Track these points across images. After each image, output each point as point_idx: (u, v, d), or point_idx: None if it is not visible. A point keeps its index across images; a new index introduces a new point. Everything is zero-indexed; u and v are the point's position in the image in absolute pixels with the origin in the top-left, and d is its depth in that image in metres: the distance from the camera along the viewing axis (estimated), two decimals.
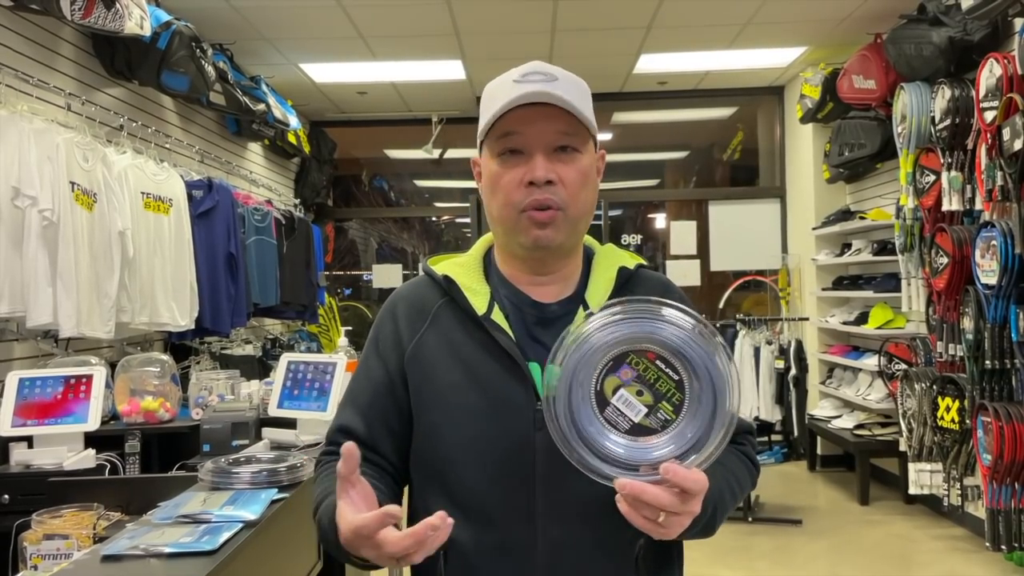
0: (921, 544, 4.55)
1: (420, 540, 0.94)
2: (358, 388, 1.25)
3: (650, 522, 0.98)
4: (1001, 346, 3.76)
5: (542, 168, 1.14)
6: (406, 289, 1.30)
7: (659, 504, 0.96)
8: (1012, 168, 3.59)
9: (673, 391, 0.99)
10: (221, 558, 1.35)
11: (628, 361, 0.99)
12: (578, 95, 1.16)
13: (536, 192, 1.14)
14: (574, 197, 1.16)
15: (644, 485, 0.95)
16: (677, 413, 0.99)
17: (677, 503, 0.96)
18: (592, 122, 1.18)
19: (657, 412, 0.99)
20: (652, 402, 0.99)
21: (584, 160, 1.18)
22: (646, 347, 0.99)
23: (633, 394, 0.99)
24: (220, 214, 4.42)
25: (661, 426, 0.99)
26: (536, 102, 1.13)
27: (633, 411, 0.99)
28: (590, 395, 0.98)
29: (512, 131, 1.15)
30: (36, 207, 3.05)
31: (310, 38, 5.32)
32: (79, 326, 3.23)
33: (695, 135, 8.28)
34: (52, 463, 2.27)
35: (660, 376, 0.99)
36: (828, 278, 6.28)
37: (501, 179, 1.17)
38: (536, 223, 1.15)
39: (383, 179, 8.66)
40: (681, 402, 0.99)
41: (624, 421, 0.99)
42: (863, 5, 4.91)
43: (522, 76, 1.15)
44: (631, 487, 0.95)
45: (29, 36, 3.48)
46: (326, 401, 2.42)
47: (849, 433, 5.49)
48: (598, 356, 0.99)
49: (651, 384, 0.99)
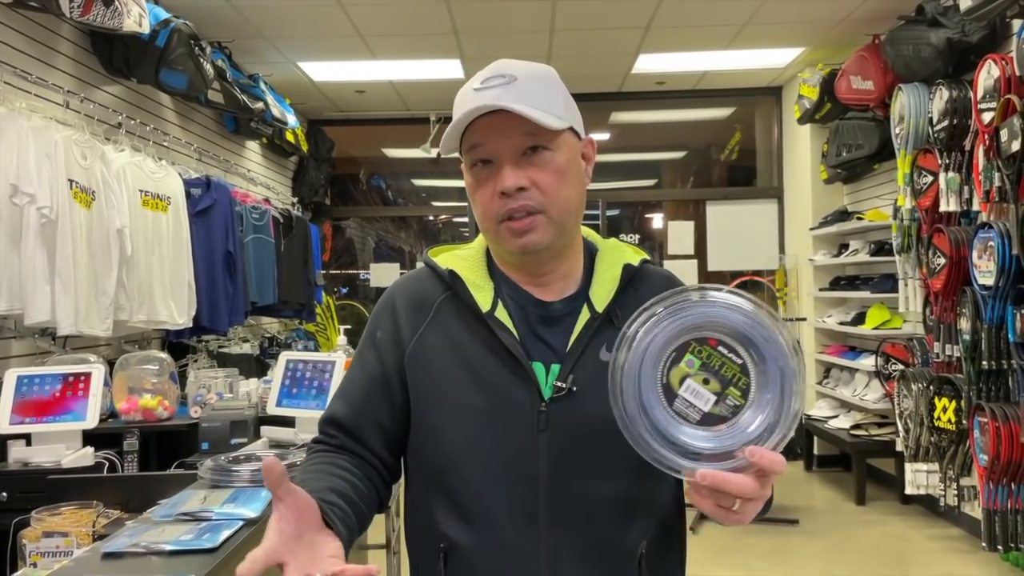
0: (917, 544, 4.56)
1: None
2: (351, 381, 1.23)
3: (725, 510, 0.97)
4: (998, 347, 3.77)
5: (511, 177, 1.11)
6: (406, 281, 1.26)
7: (742, 492, 0.94)
8: (1009, 169, 3.60)
9: (738, 375, 0.97)
10: (222, 556, 1.35)
11: (691, 350, 0.98)
12: (541, 91, 1.12)
13: (510, 201, 1.12)
14: (553, 197, 1.13)
15: (726, 475, 0.94)
16: (745, 397, 0.97)
17: (758, 488, 0.95)
18: (564, 113, 1.14)
19: (726, 399, 0.97)
20: (720, 389, 0.97)
21: (558, 157, 1.14)
22: (707, 334, 0.98)
23: (700, 383, 0.97)
24: (218, 212, 4.41)
25: (732, 412, 0.97)
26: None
27: (702, 400, 0.97)
28: (657, 390, 0.97)
29: (477, 142, 1.13)
30: (34, 204, 3.05)
31: (309, 37, 5.31)
32: (77, 324, 3.23)
33: (693, 135, 8.29)
34: (50, 461, 2.27)
35: (724, 362, 0.97)
36: (825, 278, 6.29)
37: (475, 192, 1.15)
38: (515, 232, 1.13)
39: (381, 178, 8.66)
40: (748, 386, 0.97)
41: (694, 412, 0.97)
42: (861, 6, 4.92)
43: (481, 83, 1.13)
44: (712, 478, 0.93)
45: (28, 33, 3.47)
46: (325, 399, 2.42)
47: (846, 433, 5.50)
48: (661, 349, 0.97)
49: (716, 371, 0.97)
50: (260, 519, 1.54)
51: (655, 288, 1.23)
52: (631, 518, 1.13)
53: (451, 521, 1.14)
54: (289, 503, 0.95)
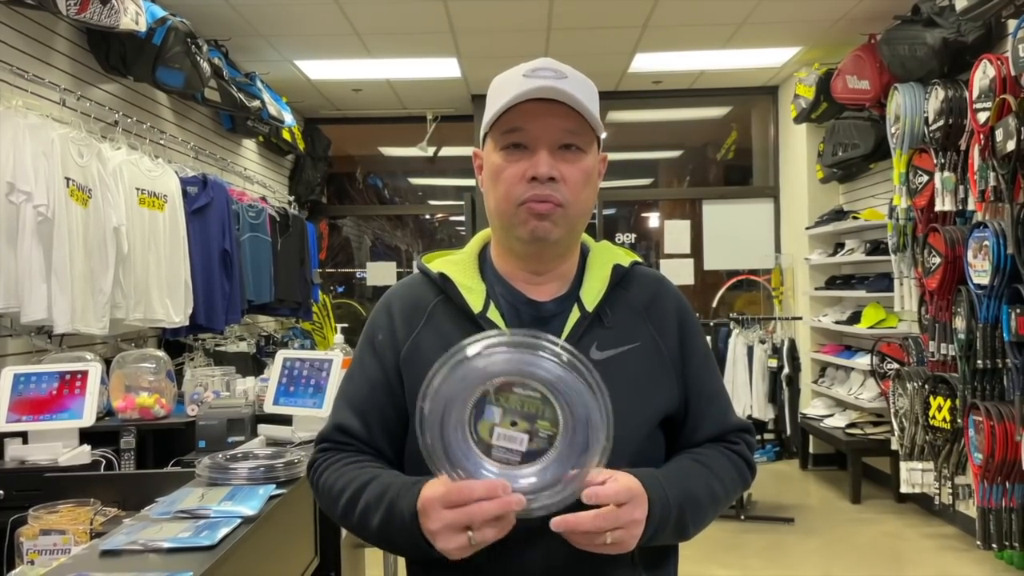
0: (912, 543, 4.58)
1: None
2: (354, 387, 1.24)
3: (602, 545, 1.01)
4: (993, 346, 3.78)
5: (546, 164, 1.13)
6: (401, 287, 1.29)
7: (597, 528, 0.99)
8: (1005, 169, 3.61)
9: (541, 407, 1.00)
10: (220, 553, 1.35)
11: (489, 401, 1.00)
12: (587, 95, 1.16)
13: (537, 188, 1.14)
14: (575, 195, 1.16)
15: (577, 518, 0.99)
16: (556, 425, 1.00)
17: (611, 519, 0.99)
18: (599, 123, 1.18)
19: (538, 433, 1.00)
20: (529, 426, 1.00)
21: (587, 160, 1.17)
22: (498, 381, 1.00)
23: (508, 427, 1.00)
24: (215, 211, 4.41)
25: (548, 443, 1.00)
26: (544, 98, 1.12)
27: (516, 442, 1.00)
28: (473, 449, 0.99)
29: (518, 126, 1.15)
30: (31, 203, 3.04)
31: (305, 35, 5.31)
32: (73, 322, 3.23)
33: (689, 134, 8.30)
34: (47, 459, 2.27)
35: (524, 400, 1.00)
36: (821, 278, 6.31)
37: (503, 172, 1.16)
38: (535, 214, 1.15)
39: (377, 177, 8.65)
40: (555, 414, 1.00)
41: (514, 455, 1.00)
42: (857, 6, 4.93)
43: (532, 71, 1.15)
44: (564, 524, 0.99)
45: (24, 31, 3.47)
46: (322, 398, 2.42)
47: (841, 432, 5.51)
48: (460, 407, 0.99)
49: (519, 411, 1.00)
50: (258, 517, 1.54)
51: (645, 289, 1.25)
52: None
53: None
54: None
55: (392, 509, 1.08)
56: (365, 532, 1.13)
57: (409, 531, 1.05)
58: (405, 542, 1.07)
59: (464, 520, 0.98)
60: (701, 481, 1.15)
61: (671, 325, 1.24)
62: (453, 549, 1.00)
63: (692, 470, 1.16)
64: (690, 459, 1.20)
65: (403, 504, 1.07)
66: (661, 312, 1.24)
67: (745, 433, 1.28)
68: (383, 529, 1.10)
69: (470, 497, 0.98)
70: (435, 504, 1.00)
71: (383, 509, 1.10)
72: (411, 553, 1.13)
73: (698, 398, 1.24)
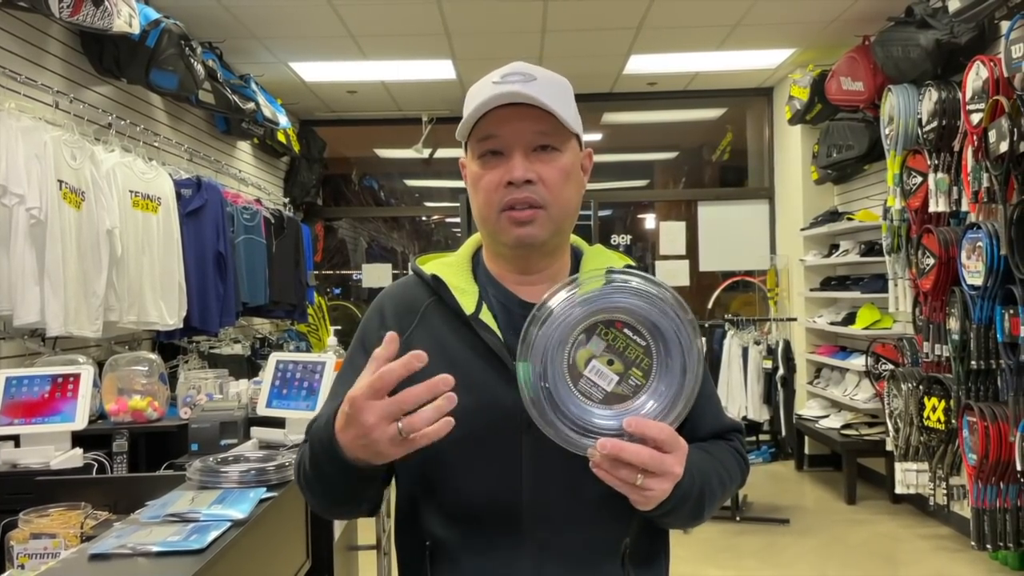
0: (907, 543, 4.58)
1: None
2: (345, 387, 1.22)
3: (630, 486, 0.99)
4: (987, 346, 3.79)
5: (520, 168, 1.14)
6: (394, 288, 1.29)
7: (639, 460, 0.97)
8: (998, 170, 3.62)
9: (642, 356, 1.01)
10: (209, 557, 1.34)
11: (598, 332, 1.01)
12: (558, 94, 1.16)
13: (515, 191, 1.14)
14: (555, 195, 1.16)
15: (622, 443, 0.97)
16: (647, 377, 1.01)
17: (656, 459, 0.98)
18: (573, 120, 1.18)
19: (628, 379, 1.01)
20: (623, 369, 1.01)
21: (564, 159, 1.17)
22: (614, 317, 1.01)
23: (604, 364, 1.01)
24: (209, 213, 4.40)
25: (633, 392, 1.01)
26: (514, 103, 1.13)
27: (605, 380, 1.01)
28: (563, 370, 1.00)
29: (491, 133, 1.16)
30: (24, 205, 3.04)
31: (300, 37, 5.31)
32: (66, 325, 3.22)
33: (685, 136, 8.31)
34: (39, 462, 2.26)
35: (629, 344, 1.01)
36: (816, 279, 6.32)
37: (482, 180, 1.17)
38: (516, 222, 1.15)
39: (373, 178, 8.65)
40: (650, 367, 1.01)
41: (597, 391, 1.01)
42: (851, 7, 4.94)
43: (502, 77, 1.16)
44: (611, 446, 0.97)
45: (17, 33, 3.46)
46: (315, 401, 2.42)
47: (836, 433, 5.52)
48: (567, 331, 1.00)
49: (621, 352, 1.01)
50: (248, 520, 1.54)
51: None
52: (614, 517, 1.13)
53: (436, 520, 1.15)
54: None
55: (314, 439, 1.09)
56: (311, 483, 1.12)
57: (330, 445, 1.03)
58: (332, 466, 1.05)
59: (396, 408, 0.96)
60: (713, 468, 1.16)
61: None
62: (387, 443, 0.97)
63: (704, 457, 1.16)
64: (698, 448, 1.20)
65: (320, 423, 1.08)
66: None
67: (737, 432, 1.30)
68: (314, 465, 1.09)
69: (393, 382, 0.96)
70: (363, 396, 0.97)
71: (308, 445, 1.11)
72: (338, 477, 1.07)
73: (697, 399, 1.23)
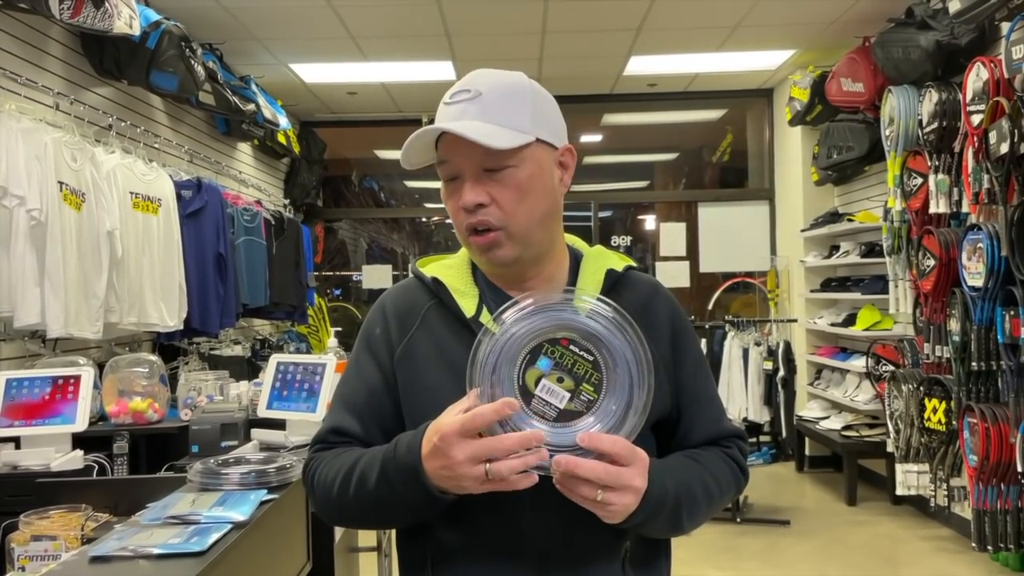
0: (908, 544, 4.58)
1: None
2: (350, 389, 1.24)
3: (591, 502, 1.00)
4: (987, 348, 3.79)
5: (470, 193, 1.14)
6: (395, 291, 1.29)
7: (595, 476, 0.98)
8: (998, 171, 3.62)
9: (590, 371, 1.02)
10: (210, 559, 1.34)
11: (544, 352, 1.02)
12: (504, 106, 1.13)
13: (471, 216, 1.14)
14: (512, 214, 1.14)
15: (577, 459, 0.98)
16: (598, 392, 1.02)
17: (612, 473, 0.99)
18: (532, 123, 1.15)
19: (580, 394, 1.02)
20: (574, 386, 1.02)
21: (520, 173, 1.14)
22: (559, 335, 1.02)
23: (554, 382, 1.02)
24: (209, 214, 4.40)
25: (586, 407, 1.02)
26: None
27: (557, 398, 1.02)
28: (514, 391, 1.01)
29: (443, 158, 1.17)
30: (24, 207, 3.04)
31: (300, 38, 5.31)
32: (67, 326, 3.22)
33: (685, 137, 8.31)
34: (39, 464, 2.25)
35: (576, 359, 1.02)
36: (816, 280, 6.31)
37: (447, 204, 1.19)
38: (480, 247, 1.16)
39: (373, 179, 8.64)
40: (600, 380, 1.02)
41: (551, 410, 1.01)
42: (851, 8, 4.94)
43: (450, 97, 1.16)
44: (566, 462, 0.98)
45: (17, 35, 3.46)
46: (315, 402, 2.41)
47: (837, 434, 5.52)
48: (515, 350, 1.01)
49: (569, 369, 1.02)
50: (249, 522, 1.54)
51: (638, 294, 1.24)
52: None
53: (438, 525, 1.15)
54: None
55: (390, 460, 1.08)
56: (363, 501, 1.11)
57: (413, 471, 1.04)
58: (409, 491, 1.05)
59: (485, 452, 0.98)
60: (697, 476, 1.15)
61: (663, 330, 1.23)
62: (472, 480, 0.99)
63: (688, 465, 1.16)
64: (685, 456, 1.20)
65: (402, 448, 1.07)
66: (653, 317, 1.23)
67: (738, 439, 1.28)
68: (381, 486, 1.08)
69: (484, 425, 0.99)
70: (454, 433, 0.99)
71: (379, 464, 1.09)
72: (413, 502, 1.08)
73: (691, 403, 1.24)
